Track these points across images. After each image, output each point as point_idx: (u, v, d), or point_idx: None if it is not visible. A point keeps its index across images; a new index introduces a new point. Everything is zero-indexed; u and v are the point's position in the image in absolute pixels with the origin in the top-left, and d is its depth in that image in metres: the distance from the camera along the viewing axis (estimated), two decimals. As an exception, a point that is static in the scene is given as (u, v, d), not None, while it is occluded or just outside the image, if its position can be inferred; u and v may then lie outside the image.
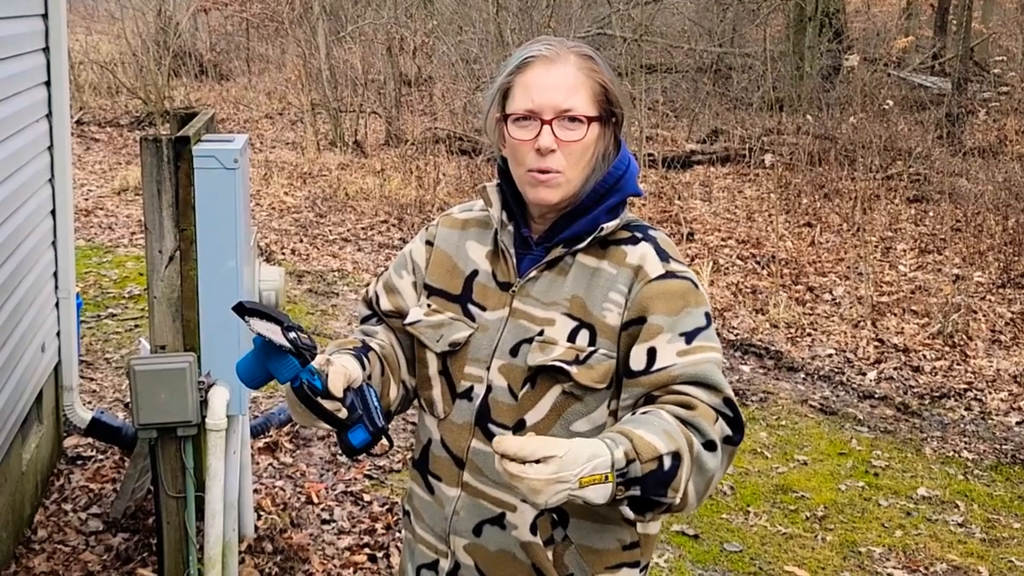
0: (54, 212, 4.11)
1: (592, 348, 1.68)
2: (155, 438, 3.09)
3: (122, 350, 5.85)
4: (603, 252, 1.73)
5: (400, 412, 1.89)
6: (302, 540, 3.88)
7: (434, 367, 1.80)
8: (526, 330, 1.72)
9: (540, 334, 1.71)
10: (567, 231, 1.73)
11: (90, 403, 4.89)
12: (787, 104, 12.01)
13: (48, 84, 4.03)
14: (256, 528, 3.89)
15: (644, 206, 9.23)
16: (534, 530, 1.73)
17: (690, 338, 1.65)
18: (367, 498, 4.31)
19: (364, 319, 1.94)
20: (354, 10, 15.08)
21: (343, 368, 1.61)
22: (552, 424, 1.70)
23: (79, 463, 4.41)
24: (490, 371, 1.74)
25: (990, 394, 5.78)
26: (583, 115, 1.69)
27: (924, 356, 6.27)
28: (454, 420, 1.78)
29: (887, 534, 4.32)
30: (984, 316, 6.81)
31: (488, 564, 1.77)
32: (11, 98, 3.58)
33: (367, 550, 3.89)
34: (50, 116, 4.05)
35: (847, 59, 11.25)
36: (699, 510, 4.28)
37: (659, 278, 1.69)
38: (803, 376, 6.05)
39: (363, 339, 1.85)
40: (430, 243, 1.89)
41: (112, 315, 6.49)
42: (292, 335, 1.54)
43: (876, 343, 6.46)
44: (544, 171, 1.69)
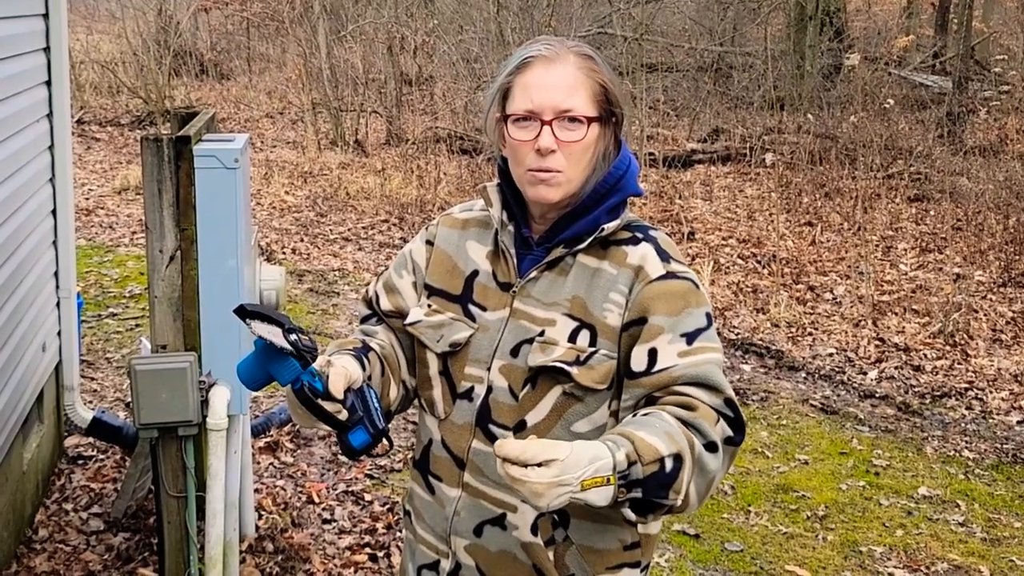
0: (55, 212, 4.11)
1: (593, 349, 1.68)
2: (156, 438, 3.09)
3: (123, 350, 5.85)
4: (604, 252, 1.73)
5: (400, 412, 1.89)
6: (303, 540, 3.88)
7: (434, 367, 1.80)
8: (527, 330, 1.72)
9: (541, 334, 1.71)
10: (568, 231, 1.73)
11: (91, 403, 4.89)
12: (788, 103, 12.00)
13: (49, 84, 4.03)
14: (257, 528, 3.89)
15: (645, 205, 9.23)
16: (535, 531, 1.73)
17: (691, 339, 1.65)
18: (368, 498, 4.31)
19: (364, 319, 1.94)
20: (355, 9, 15.08)
21: (343, 369, 1.60)
22: (553, 425, 1.70)
23: (80, 463, 4.41)
24: (491, 371, 1.74)
25: (991, 393, 5.78)
26: (583, 115, 1.69)
27: (925, 355, 6.26)
28: (455, 420, 1.78)
29: (888, 533, 4.32)
30: (985, 315, 6.81)
31: (489, 564, 1.77)
32: (12, 98, 3.58)
33: (368, 550, 3.89)
34: (51, 116, 4.05)
35: (848, 58, 11.25)
36: (700, 510, 4.28)
37: (660, 278, 1.69)
38: (804, 375, 6.04)
39: (363, 339, 1.85)
40: (430, 243, 1.88)
41: (113, 315, 6.49)
42: (293, 337, 1.54)
43: (877, 342, 6.46)
44: (544, 170, 1.69)
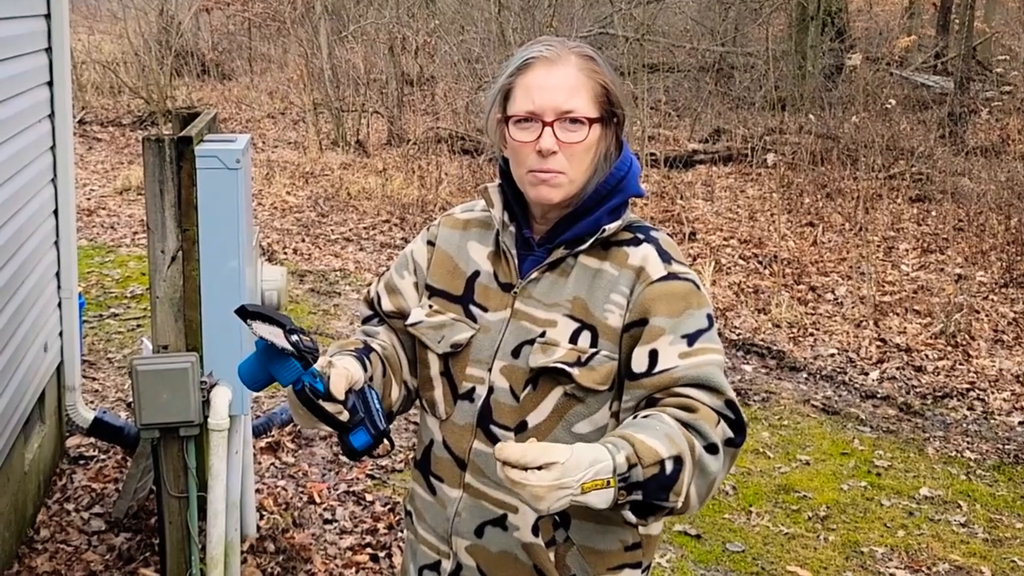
0: (56, 212, 4.11)
1: (594, 350, 1.68)
2: (157, 438, 3.09)
3: (124, 350, 5.85)
4: (605, 253, 1.73)
5: (402, 412, 1.89)
6: (304, 540, 3.89)
7: (435, 368, 1.80)
8: (528, 331, 1.72)
9: (542, 335, 1.71)
10: (569, 232, 1.73)
11: (92, 403, 4.90)
12: (789, 103, 11.99)
13: (51, 84, 4.03)
14: (258, 528, 3.90)
15: (646, 206, 9.23)
16: (536, 531, 1.73)
17: (692, 340, 1.65)
18: (369, 498, 4.31)
19: (365, 319, 1.94)
20: (356, 9, 15.08)
21: (345, 370, 1.60)
22: (554, 425, 1.70)
23: (81, 463, 4.41)
24: (492, 372, 1.74)
25: (993, 394, 5.77)
26: (584, 116, 1.68)
27: (926, 356, 6.26)
28: (456, 421, 1.78)
29: (889, 534, 4.32)
30: (987, 316, 6.80)
31: (490, 565, 1.77)
32: (14, 98, 3.58)
33: (369, 550, 3.89)
34: (52, 116, 4.05)
35: (849, 58, 11.24)
36: (701, 510, 4.28)
37: (661, 279, 1.69)
38: (805, 376, 6.04)
39: (365, 340, 1.85)
40: (431, 243, 1.88)
41: (114, 315, 6.49)
42: (294, 338, 1.54)
43: (878, 343, 6.46)
44: (546, 171, 1.69)
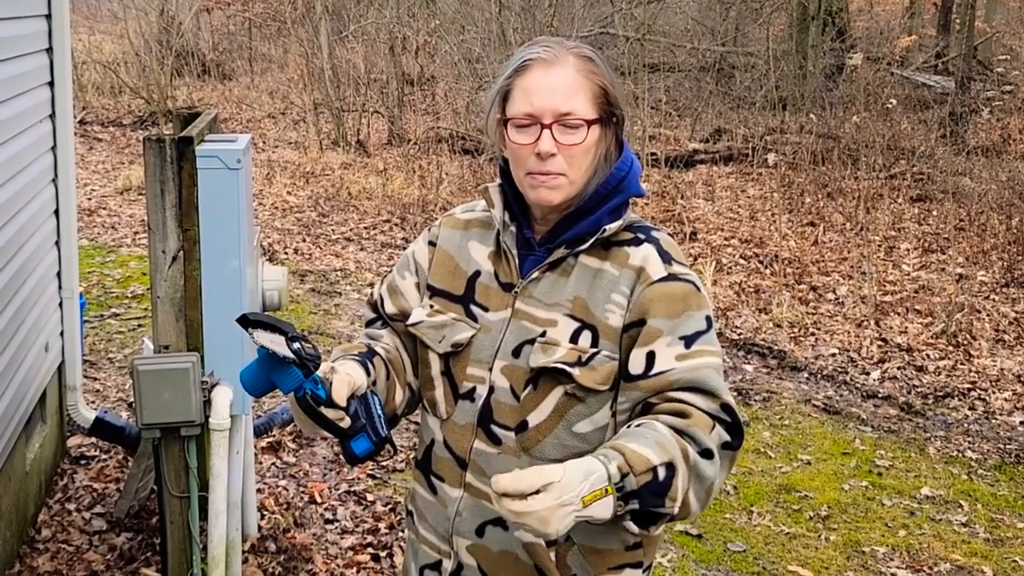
0: (57, 212, 4.11)
1: (595, 350, 1.68)
2: (159, 438, 3.09)
3: (125, 350, 5.85)
4: (606, 253, 1.73)
5: (407, 415, 1.89)
6: (305, 540, 3.89)
7: (436, 368, 1.80)
8: (528, 331, 1.72)
9: (542, 335, 1.71)
10: (569, 232, 1.73)
11: (94, 403, 4.90)
12: (790, 103, 11.99)
13: (51, 84, 4.03)
14: (259, 528, 3.90)
15: (647, 205, 9.23)
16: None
17: (690, 342, 1.65)
18: (370, 498, 4.31)
19: (369, 322, 1.94)
20: (356, 9, 15.09)
21: (348, 376, 1.61)
22: (554, 425, 1.70)
23: (83, 463, 4.41)
24: (492, 372, 1.74)
25: (994, 394, 5.77)
26: (582, 118, 1.68)
27: (928, 356, 6.26)
28: (456, 421, 1.78)
29: (891, 534, 4.32)
30: (988, 316, 6.80)
31: (491, 565, 1.77)
32: (15, 98, 3.58)
33: (370, 550, 3.89)
34: (53, 116, 4.05)
35: (850, 58, 11.25)
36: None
37: (661, 280, 1.69)
38: (806, 376, 6.04)
39: (368, 344, 1.86)
40: (432, 243, 1.89)
41: (115, 315, 6.49)
42: (296, 346, 1.54)
43: (880, 343, 6.45)
44: (545, 173, 1.69)
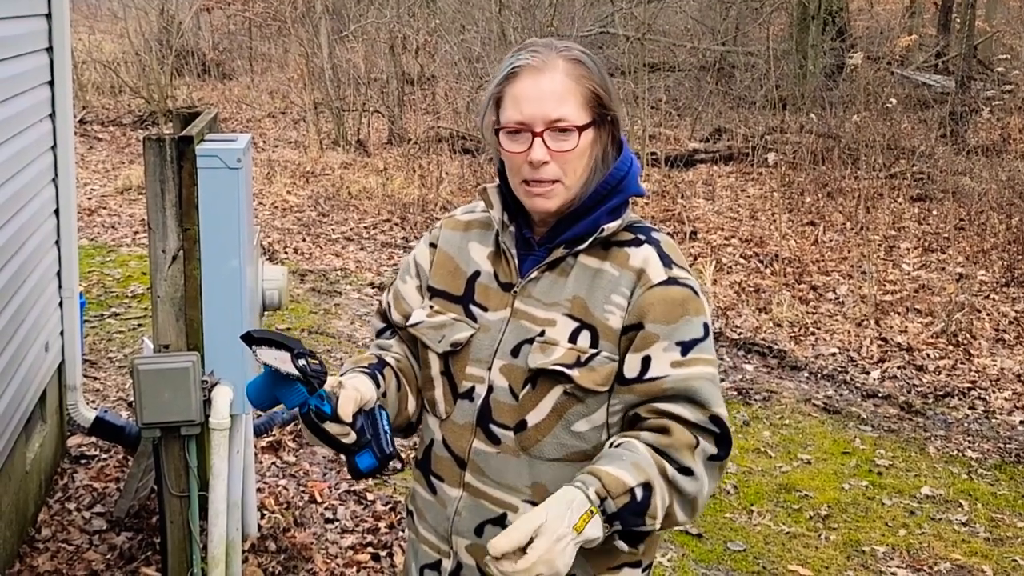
0: (57, 212, 4.11)
1: (595, 350, 1.68)
2: (159, 437, 3.09)
3: (125, 349, 5.85)
4: (605, 253, 1.73)
5: (421, 423, 1.88)
6: (305, 539, 3.89)
7: (436, 367, 1.80)
8: (527, 331, 1.72)
9: (541, 335, 1.71)
10: (568, 232, 1.73)
11: (94, 402, 4.90)
12: (790, 103, 11.99)
13: (51, 84, 4.03)
14: (260, 527, 3.90)
15: (647, 205, 9.23)
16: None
17: (686, 349, 1.66)
18: (370, 497, 4.31)
19: (379, 332, 1.94)
20: (357, 9, 15.10)
21: (355, 392, 1.61)
22: (553, 425, 1.70)
23: (83, 462, 4.41)
24: (491, 371, 1.74)
25: (994, 393, 5.77)
26: (573, 124, 1.67)
27: (928, 355, 6.26)
28: (456, 420, 1.78)
29: (891, 533, 4.32)
30: (988, 315, 6.80)
31: (491, 564, 1.77)
32: (14, 98, 3.58)
33: (370, 549, 3.89)
34: (53, 116, 4.05)
35: (850, 57, 11.25)
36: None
37: (660, 284, 1.69)
38: (807, 375, 6.04)
39: (379, 355, 1.86)
40: (433, 245, 1.89)
41: (115, 314, 6.50)
42: (301, 363, 1.53)
43: (880, 342, 6.46)
44: (539, 182, 1.69)
